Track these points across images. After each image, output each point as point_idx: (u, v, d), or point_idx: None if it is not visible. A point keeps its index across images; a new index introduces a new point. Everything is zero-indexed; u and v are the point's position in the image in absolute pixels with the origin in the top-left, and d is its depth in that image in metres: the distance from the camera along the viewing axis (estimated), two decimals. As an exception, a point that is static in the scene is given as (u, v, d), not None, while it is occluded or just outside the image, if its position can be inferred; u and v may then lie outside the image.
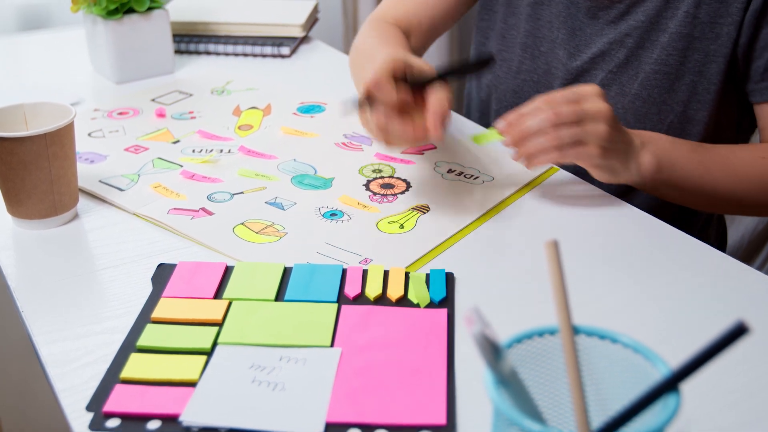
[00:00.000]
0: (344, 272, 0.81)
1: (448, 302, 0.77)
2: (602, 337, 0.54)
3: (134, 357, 0.70)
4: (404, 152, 1.06)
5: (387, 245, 0.86)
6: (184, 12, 1.48)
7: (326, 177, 1.00)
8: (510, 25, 1.14)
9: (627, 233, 0.89)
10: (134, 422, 0.63)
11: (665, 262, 0.84)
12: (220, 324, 0.74)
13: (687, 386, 0.48)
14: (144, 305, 0.77)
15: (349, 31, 2.13)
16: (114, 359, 0.70)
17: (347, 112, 0.96)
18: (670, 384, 0.47)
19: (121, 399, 0.65)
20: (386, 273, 0.81)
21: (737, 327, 0.45)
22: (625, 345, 0.53)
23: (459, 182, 0.99)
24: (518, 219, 0.92)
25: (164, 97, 1.24)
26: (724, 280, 0.81)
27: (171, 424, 0.63)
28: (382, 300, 0.77)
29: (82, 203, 0.94)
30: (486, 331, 0.48)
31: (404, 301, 0.77)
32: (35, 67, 1.43)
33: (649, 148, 0.91)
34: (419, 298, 0.77)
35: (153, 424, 0.63)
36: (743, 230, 1.37)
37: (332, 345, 0.71)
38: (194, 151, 1.07)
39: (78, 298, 0.79)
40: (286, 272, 0.81)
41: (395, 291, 0.78)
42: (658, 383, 0.48)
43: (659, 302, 0.77)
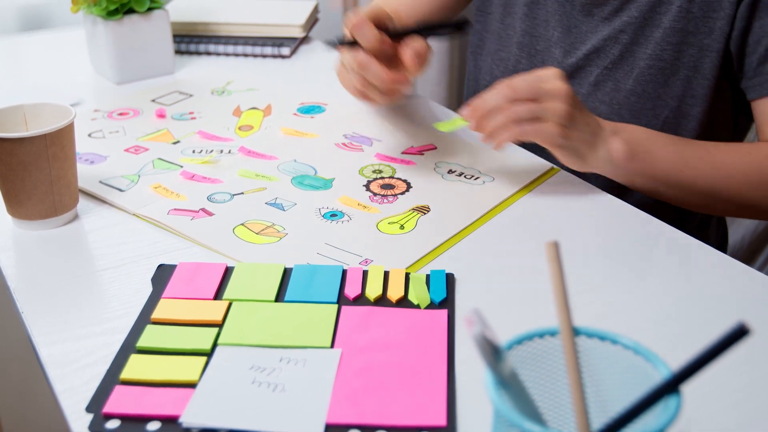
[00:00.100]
0: (344, 273, 0.81)
1: (449, 303, 0.77)
2: (603, 339, 0.54)
3: (134, 358, 0.69)
4: (404, 152, 1.06)
5: (387, 246, 0.86)
6: (185, 12, 1.48)
7: (326, 177, 1.00)
8: (507, 25, 1.14)
9: (628, 234, 0.89)
10: (134, 423, 0.63)
11: (666, 263, 0.84)
12: (220, 325, 0.74)
13: (688, 386, 0.48)
14: (144, 306, 0.77)
15: (350, 32, 2.13)
16: (114, 360, 0.70)
17: (331, 47, 0.99)
18: (671, 386, 0.47)
19: (121, 400, 0.65)
20: (386, 274, 0.80)
21: (738, 329, 0.45)
22: (626, 346, 0.53)
23: (459, 183, 0.99)
24: (519, 220, 0.91)
25: (164, 98, 1.24)
26: (725, 281, 0.81)
27: (171, 426, 0.63)
28: (383, 301, 0.77)
29: (82, 204, 0.94)
30: (486, 333, 0.48)
31: (404, 302, 0.77)
32: (35, 68, 1.43)
33: (622, 136, 0.91)
34: (419, 299, 0.77)
35: (153, 426, 0.63)
36: (744, 231, 1.37)
37: (332, 346, 0.71)
38: (194, 152, 1.07)
39: (78, 299, 0.79)
40: (286, 273, 0.81)
41: (395, 292, 0.78)
42: (659, 385, 0.48)
43: (660, 303, 0.77)
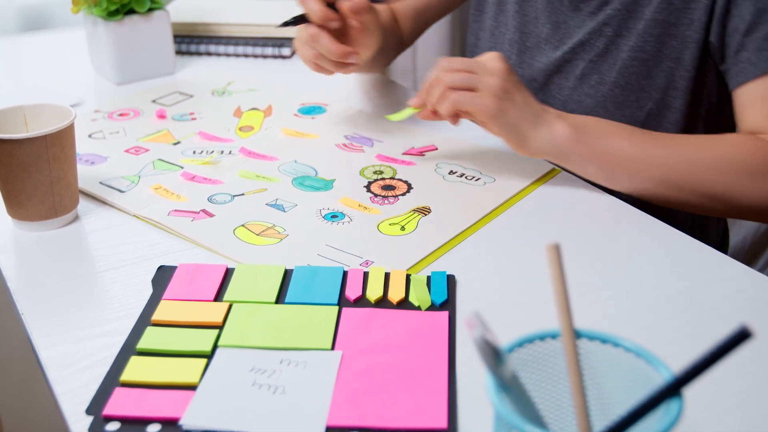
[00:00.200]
0: (345, 274, 0.80)
1: (450, 305, 0.77)
2: (604, 341, 0.53)
3: (134, 360, 0.69)
4: (405, 153, 1.06)
5: (388, 247, 0.86)
6: (185, 13, 1.47)
7: (327, 178, 1.00)
8: (499, 23, 1.16)
9: (629, 236, 0.89)
10: (134, 426, 0.63)
11: (668, 265, 0.84)
12: (221, 327, 0.74)
13: (690, 388, 0.48)
14: (144, 308, 0.77)
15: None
16: (114, 362, 0.70)
17: (283, 27, 1.06)
18: (673, 389, 0.47)
19: (121, 402, 0.65)
20: (387, 275, 0.80)
21: (740, 332, 0.45)
22: (627, 349, 0.53)
23: (460, 184, 0.98)
24: (520, 221, 0.91)
25: (165, 98, 1.24)
26: (727, 283, 0.81)
27: (171, 428, 0.62)
28: (383, 302, 0.77)
29: (83, 205, 0.94)
30: (487, 336, 0.48)
31: (405, 304, 0.77)
32: (36, 68, 1.43)
33: (567, 119, 0.92)
34: (420, 301, 0.76)
35: (153, 428, 0.62)
36: (745, 232, 1.36)
37: (333, 348, 0.71)
38: (195, 153, 1.07)
39: (78, 301, 0.79)
40: (287, 274, 0.81)
41: (396, 293, 0.77)
42: (661, 388, 0.47)
43: (661, 306, 0.77)
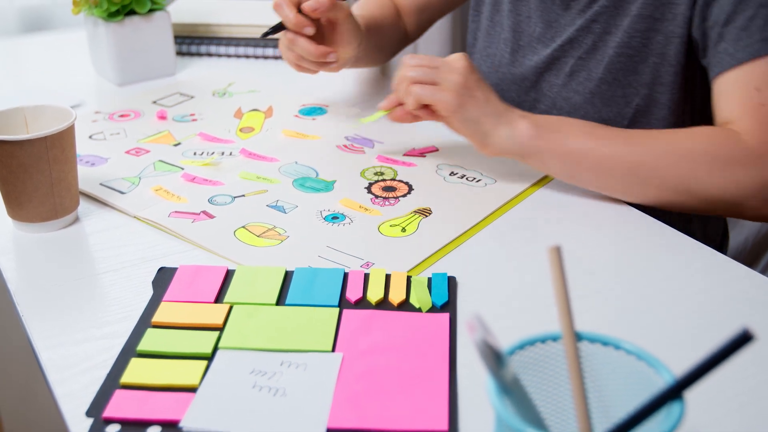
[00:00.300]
0: (346, 276, 0.80)
1: (450, 306, 0.76)
2: (605, 344, 0.53)
3: (134, 362, 0.69)
4: (406, 154, 1.05)
5: (389, 249, 0.86)
6: (186, 14, 1.47)
7: (328, 180, 1.00)
8: (495, 23, 1.17)
9: (630, 237, 0.89)
10: (134, 428, 0.63)
11: (669, 267, 0.83)
12: (221, 328, 0.74)
13: (692, 390, 0.47)
14: (144, 309, 0.76)
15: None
16: (114, 364, 0.69)
17: (265, 35, 1.12)
18: (674, 392, 0.47)
19: (121, 404, 0.64)
20: (388, 277, 0.80)
21: (742, 334, 0.44)
22: (629, 352, 0.52)
23: (461, 185, 0.98)
24: (521, 222, 0.91)
25: (165, 99, 1.24)
26: (728, 285, 0.80)
27: (171, 430, 0.62)
28: (384, 304, 0.77)
29: (83, 206, 0.94)
30: (488, 338, 0.48)
31: (406, 306, 0.77)
32: (36, 69, 1.43)
33: (530, 118, 0.94)
34: (421, 303, 0.76)
35: (153, 430, 0.62)
36: (747, 233, 1.36)
37: (333, 350, 0.71)
38: (195, 154, 1.06)
39: (78, 302, 0.78)
40: (288, 276, 0.81)
41: (397, 295, 0.77)
42: (662, 391, 0.47)
43: (662, 308, 0.77)
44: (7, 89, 1.32)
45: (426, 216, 0.92)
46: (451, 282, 0.80)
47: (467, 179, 0.99)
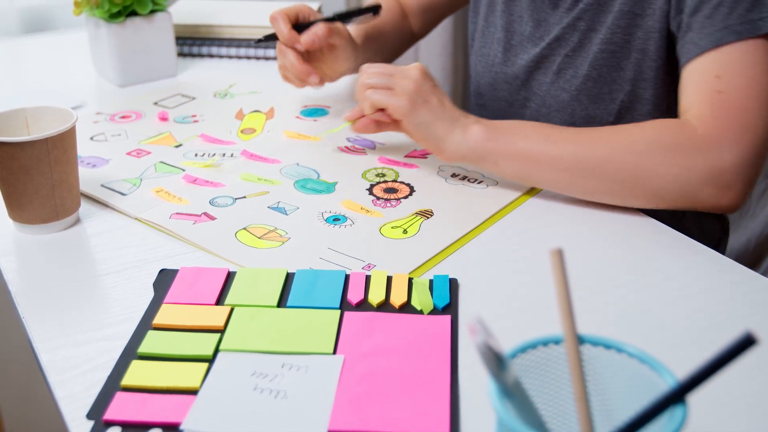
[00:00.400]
0: (347, 278, 0.80)
1: (452, 309, 0.76)
2: (607, 347, 0.53)
3: (135, 364, 0.69)
4: (408, 156, 1.05)
5: (390, 251, 0.85)
6: (187, 15, 1.47)
7: (329, 181, 0.99)
8: (489, 23, 1.18)
9: (632, 239, 0.88)
10: (135, 430, 0.62)
11: (671, 269, 0.83)
12: (222, 330, 0.73)
13: (695, 393, 0.47)
14: (145, 311, 0.76)
15: (353, 33, 2.12)
16: (115, 366, 0.69)
17: (258, 42, 1.17)
18: (677, 395, 0.47)
19: (122, 407, 0.64)
20: (389, 279, 0.80)
21: (745, 338, 0.44)
22: (631, 355, 0.52)
23: (463, 186, 0.98)
24: (523, 224, 0.91)
25: (167, 101, 1.24)
26: (731, 287, 0.80)
27: (172, 433, 0.62)
28: (385, 306, 0.77)
29: (84, 208, 0.94)
30: (490, 342, 0.47)
31: (407, 308, 0.76)
32: (37, 70, 1.43)
33: (483, 123, 0.95)
34: (422, 305, 0.76)
35: (154, 433, 0.62)
36: (749, 234, 1.36)
37: (335, 352, 0.71)
38: (197, 155, 1.06)
39: (79, 304, 0.78)
40: (289, 278, 0.80)
41: (398, 297, 0.77)
42: (665, 394, 0.47)
43: (665, 310, 0.77)
44: (8, 90, 1.32)
45: (427, 218, 0.91)
46: (453, 284, 0.79)
47: (469, 181, 0.99)
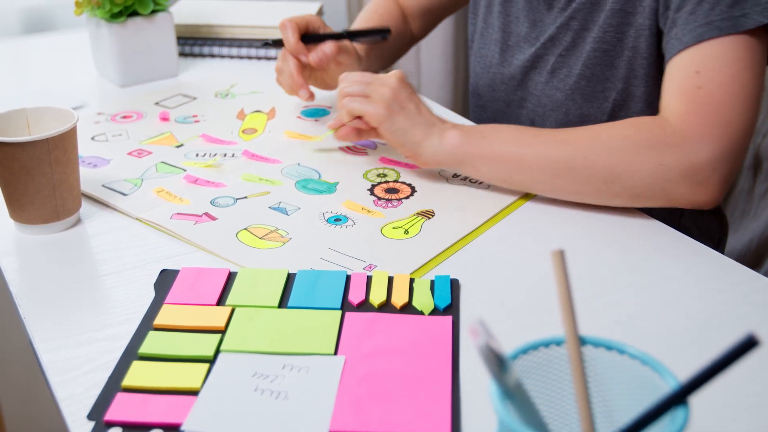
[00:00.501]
0: (348, 278, 0.80)
1: (453, 309, 0.76)
2: (609, 348, 0.53)
3: (136, 365, 0.69)
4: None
5: (391, 251, 0.85)
6: (188, 15, 1.47)
7: (330, 181, 0.99)
8: (488, 24, 1.19)
9: (634, 240, 0.88)
10: (136, 431, 0.62)
11: (673, 270, 0.83)
12: (223, 331, 0.73)
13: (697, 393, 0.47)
14: (146, 312, 0.76)
15: (354, 33, 2.13)
16: (116, 367, 0.69)
17: (264, 44, 1.18)
18: (679, 397, 0.47)
19: (123, 408, 0.64)
20: (391, 279, 0.80)
21: (747, 340, 0.44)
22: (633, 356, 0.52)
23: (464, 187, 0.98)
24: (524, 224, 0.91)
25: (168, 101, 1.24)
26: (732, 288, 0.80)
27: (173, 434, 0.62)
28: (387, 307, 0.77)
29: (85, 208, 0.94)
30: (491, 343, 0.47)
31: (409, 308, 0.76)
32: (38, 70, 1.43)
33: (461, 128, 0.95)
34: (424, 305, 0.76)
35: (154, 434, 0.62)
36: (751, 235, 1.36)
37: (336, 353, 0.71)
38: (198, 155, 1.06)
39: (80, 304, 0.78)
40: (290, 278, 0.80)
41: (400, 298, 0.77)
42: (667, 396, 0.47)
43: (667, 312, 0.77)
44: (9, 90, 1.32)
45: (429, 218, 0.91)
46: (454, 284, 0.79)
47: (470, 181, 0.99)
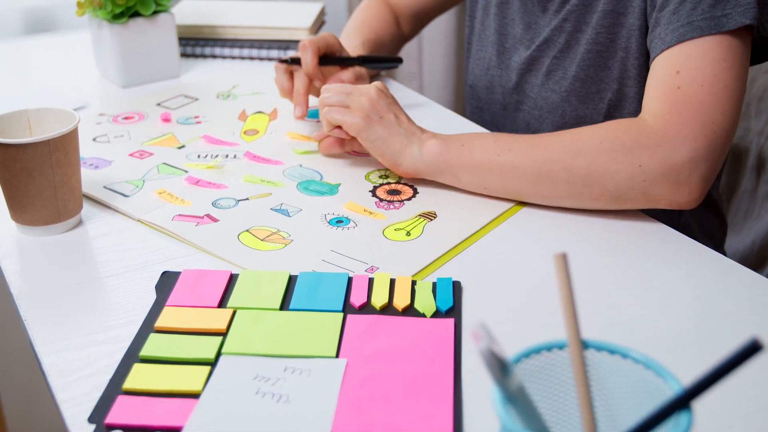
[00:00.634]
0: (350, 280, 0.80)
1: (455, 312, 0.76)
2: (612, 352, 0.53)
3: (137, 367, 0.69)
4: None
5: (393, 253, 0.85)
6: (190, 15, 1.47)
7: (332, 183, 0.99)
8: (485, 26, 1.19)
9: (636, 242, 0.88)
10: (136, 434, 0.62)
11: (675, 272, 0.83)
12: (224, 333, 0.73)
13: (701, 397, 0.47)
14: (147, 314, 0.76)
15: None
16: (117, 369, 0.69)
17: (281, 62, 1.14)
18: (682, 402, 0.46)
19: (124, 411, 0.64)
20: (392, 281, 0.80)
21: (751, 344, 0.44)
22: (636, 360, 0.52)
23: (466, 188, 0.98)
24: (527, 226, 0.90)
25: (170, 102, 1.24)
26: (735, 290, 0.80)
27: (174, 437, 0.62)
28: (388, 309, 0.76)
29: (87, 209, 0.94)
30: (493, 347, 0.47)
31: (410, 311, 0.76)
32: (40, 71, 1.42)
33: (440, 137, 0.96)
34: (426, 308, 0.76)
35: (155, 437, 0.62)
36: (754, 236, 1.35)
37: (337, 355, 0.70)
38: (199, 157, 1.06)
39: (81, 306, 0.78)
40: (292, 280, 0.80)
41: (401, 300, 0.77)
42: (670, 400, 0.47)
43: (669, 314, 0.76)
44: (11, 91, 1.32)
45: (431, 220, 0.91)
46: (456, 287, 0.79)
47: (472, 182, 0.99)
